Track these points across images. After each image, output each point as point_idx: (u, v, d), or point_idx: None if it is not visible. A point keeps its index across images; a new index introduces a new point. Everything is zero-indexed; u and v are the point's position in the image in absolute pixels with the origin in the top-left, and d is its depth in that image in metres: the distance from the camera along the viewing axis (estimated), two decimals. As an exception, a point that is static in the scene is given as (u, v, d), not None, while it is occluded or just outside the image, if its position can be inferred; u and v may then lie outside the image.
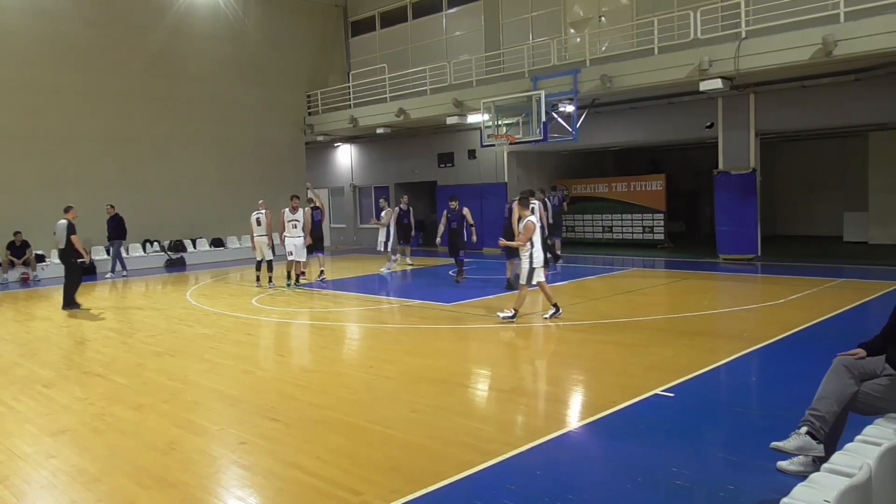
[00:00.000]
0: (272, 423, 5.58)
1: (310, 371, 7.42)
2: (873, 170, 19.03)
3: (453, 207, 14.28)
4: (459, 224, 14.11)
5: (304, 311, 11.35)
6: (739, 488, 4.05)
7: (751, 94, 15.78)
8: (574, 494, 4.08)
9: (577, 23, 18.48)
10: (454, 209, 14.26)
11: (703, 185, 22.20)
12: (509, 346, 8.45)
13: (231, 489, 4.44)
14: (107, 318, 11.38)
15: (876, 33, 11.88)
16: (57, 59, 18.22)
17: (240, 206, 20.47)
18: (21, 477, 4.64)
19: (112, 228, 17.52)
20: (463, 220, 14.14)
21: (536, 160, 21.58)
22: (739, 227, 16.04)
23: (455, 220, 14.15)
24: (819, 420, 3.89)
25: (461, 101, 18.31)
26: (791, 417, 4.23)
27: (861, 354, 4.03)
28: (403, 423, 5.53)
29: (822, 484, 2.88)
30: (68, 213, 12.33)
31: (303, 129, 23.78)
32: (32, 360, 8.23)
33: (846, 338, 4.57)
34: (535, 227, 9.26)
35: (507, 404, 6.08)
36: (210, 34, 21.38)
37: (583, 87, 15.80)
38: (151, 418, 5.84)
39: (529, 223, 9.25)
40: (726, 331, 8.94)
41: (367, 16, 24.41)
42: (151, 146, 20.05)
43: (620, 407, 5.65)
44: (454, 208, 14.28)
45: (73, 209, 12.46)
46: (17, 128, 17.61)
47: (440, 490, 4.18)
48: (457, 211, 14.25)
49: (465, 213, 14.18)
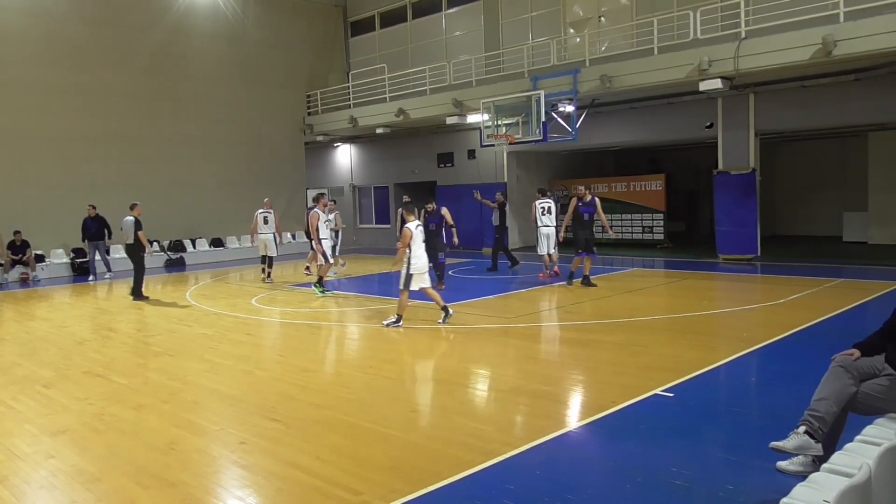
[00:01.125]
0: (272, 423, 5.58)
1: (309, 371, 7.42)
2: (873, 170, 19.03)
3: (430, 210, 13.23)
4: (438, 226, 13.14)
5: (304, 311, 11.35)
6: (739, 488, 4.05)
7: (750, 94, 15.78)
8: (574, 494, 4.08)
9: (577, 23, 18.48)
10: (431, 211, 13.23)
11: (702, 185, 22.19)
12: (509, 346, 8.44)
13: (231, 489, 4.44)
14: (106, 318, 11.38)
15: (876, 33, 11.89)
16: (57, 59, 18.21)
17: (239, 207, 20.49)
18: (21, 477, 4.64)
19: (97, 229, 16.96)
20: (442, 222, 13.21)
21: (536, 160, 21.58)
22: (739, 227, 16.04)
23: (433, 221, 13.10)
24: (817, 420, 3.89)
25: (461, 101, 18.31)
26: (791, 417, 4.23)
27: (856, 355, 4.02)
28: (403, 423, 5.53)
29: (821, 484, 2.88)
30: (134, 210, 13.12)
31: (302, 129, 23.77)
32: (32, 360, 8.22)
33: (846, 338, 4.57)
34: (411, 234, 9.31)
35: (507, 404, 6.08)
36: (210, 34, 21.37)
37: (582, 87, 15.81)
38: (151, 418, 5.84)
39: (406, 230, 9.35)
40: (726, 331, 8.94)
41: (367, 16, 24.41)
42: (151, 146, 20.04)
43: (620, 407, 5.64)
44: (431, 210, 13.24)
45: (138, 206, 13.26)
46: (17, 128, 17.61)
47: (440, 490, 4.18)
48: (434, 212, 13.30)
49: (443, 214, 13.22)
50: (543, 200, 14.14)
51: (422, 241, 9.61)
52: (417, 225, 9.57)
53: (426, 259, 9.73)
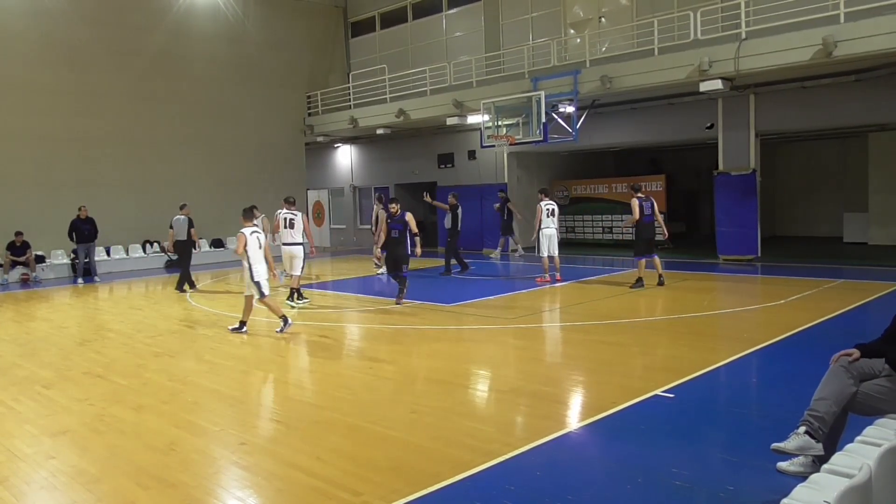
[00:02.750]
0: (272, 424, 5.58)
1: (310, 371, 7.41)
2: (873, 170, 19.02)
3: (394, 212, 11.57)
4: (402, 233, 11.42)
5: (304, 312, 11.34)
6: (739, 489, 4.05)
7: (751, 95, 15.77)
8: (574, 495, 4.08)
9: (577, 23, 18.48)
10: (395, 213, 11.55)
11: (703, 185, 22.19)
12: (509, 346, 8.44)
13: (231, 490, 4.44)
14: (106, 319, 11.38)
15: (876, 34, 11.89)
16: (57, 60, 18.21)
17: (239, 208, 20.42)
18: (21, 478, 4.64)
19: (88, 231, 16.76)
20: (405, 228, 11.46)
21: (536, 161, 21.58)
22: (739, 227, 16.04)
23: (396, 227, 11.46)
24: (817, 420, 3.89)
25: (461, 102, 18.31)
26: (791, 418, 4.23)
27: (856, 355, 4.02)
28: (403, 424, 5.53)
29: (822, 485, 2.88)
30: (183, 209, 14.37)
31: (303, 129, 23.77)
32: (32, 361, 8.22)
33: (846, 339, 4.57)
34: (245, 240, 9.06)
35: (507, 405, 6.08)
36: (210, 35, 21.37)
37: (583, 88, 15.81)
38: (151, 419, 5.84)
39: (240, 235, 9.14)
40: (726, 331, 8.94)
41: (367, 16, 24.42)
42: (151, 147, 20.03)
43: (620, 407, 5.64)
44: (395, 212, 11.56)
45: (187, 206, 14.52)
46: (17, 128, 17.60)
47: (440, 491, 4.18)
48: (398, 216, 11.53)
49: (407, 219, 11.47)
50: (548, 202, 13.80)
51: (258, 248, 9.15)
52: (253, 231, 9.20)
53: (265, 267, 9.26)
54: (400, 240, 11.39)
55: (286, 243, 11.77)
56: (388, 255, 11.66)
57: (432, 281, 15.04)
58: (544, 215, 13.54)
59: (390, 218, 11.58)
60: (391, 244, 11.54)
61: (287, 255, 11.74)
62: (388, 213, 11.63)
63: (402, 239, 11.39)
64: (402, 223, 11.45)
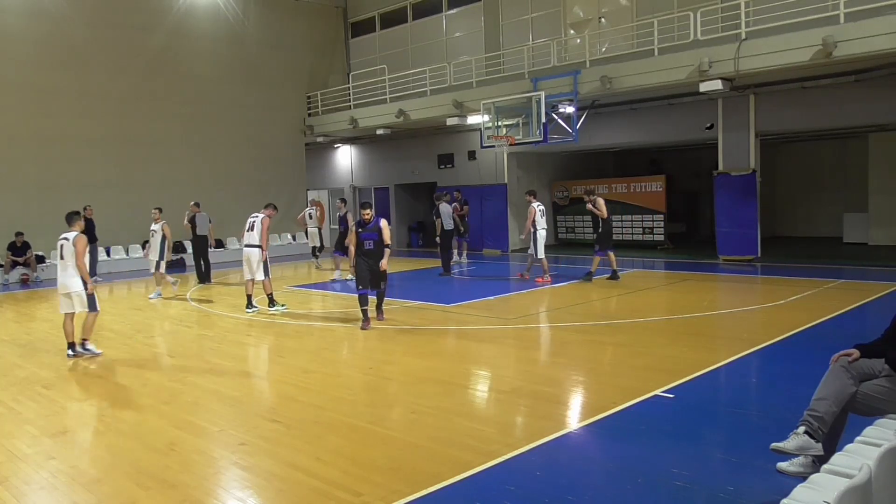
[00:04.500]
0: (272, 424, 5.58)
1: (310, 372, 7.42)
2: (873, 171, 19.03)
3: (367, 219, 9.60)
4: (377, 243, 9.55)
5: (304, 312, 11.35)
6: (739, 489, 4.05)
7: (751, 95, 15.78)
8: (574, 496, 4.08)
9: (577, 24, 18.49)
10: (368, 220, 9.60)
11: (703, 186, 22.18)
12: (509, 347, 8.44)
13: (231, 490, 4.44)
14: (106, 319, 11.37)
15: (876, 34, 11.89)
16: (57, 60, 18.21)
17: (239, 208, 20.46)
18: (21, 478, 4.64)
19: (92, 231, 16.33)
20: (381, 237, 9.58)
21: (536, 161, 21.58)
22: (739, 228, 16.03)
23: (370, 237, 9.55)
24: (817, 420, 3.89)
25: (461, 102, 18.32)
26: (791, 418, 4.23)
27: (855, 355, 4.03)
28: (403, 425, 5.53)
29: (822, 485, 2.88)
30: (200, 206, 15.79)
31: (303, 129, 23.78)
32: (32, 361, 8.23)
33: (846, 339, 4.57)
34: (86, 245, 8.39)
35: (507, 405, 6.08)
36: (210, 35, 21.37)
37: (583, 88, 15.81)
38: (151, 419, 5.84)
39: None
40: (726, 332, 8.94)
41: (367, 17, 24.42)
42: (151, 147, 20.03)
43: (620, 408, 5.65)
44: (368, 219, 9.60)
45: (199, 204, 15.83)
46: (17, 128, 17.60)
47: (440, 491, 4.18)
48: (371, 223, 9.61)
49: (381, 227, 9.59)
50: (539, 203, 13.91)
51: (72, 254, 8.22)
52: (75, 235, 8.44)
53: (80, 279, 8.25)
54: (376, 251, 9.55)
55: (245, 245, 11.48)
56: (362, 270, 9.57)
57: (432, 281, 15.05)
58: (538, 216, 13.59)
59: (361, 226, 9.61)
60: (366, 257, 9.59)
61: (244, 257, 11.39)
62: (360, 221, 9.66)
63: (379, 250, 9.55)
64: (377, 231, 9.58)
